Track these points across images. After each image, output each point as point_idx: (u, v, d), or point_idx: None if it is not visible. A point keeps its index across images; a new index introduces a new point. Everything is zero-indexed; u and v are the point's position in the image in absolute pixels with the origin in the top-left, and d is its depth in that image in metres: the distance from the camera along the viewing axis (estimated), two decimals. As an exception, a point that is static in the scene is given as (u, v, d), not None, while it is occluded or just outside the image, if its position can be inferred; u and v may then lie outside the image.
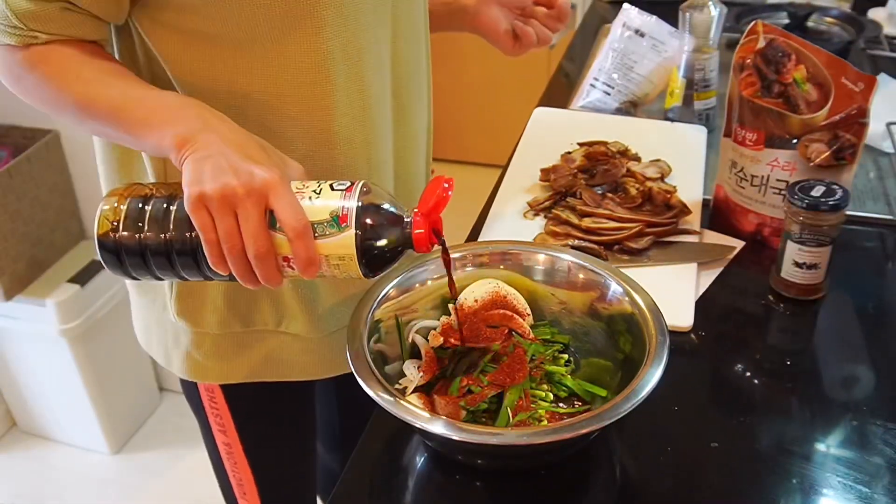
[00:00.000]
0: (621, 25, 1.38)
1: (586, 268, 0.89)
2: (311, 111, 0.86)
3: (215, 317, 0.96)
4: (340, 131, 0.88)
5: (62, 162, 2.04)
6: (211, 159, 0.71)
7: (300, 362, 1.02)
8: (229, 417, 1.08)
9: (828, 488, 0.78)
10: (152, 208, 0.75)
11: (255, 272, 0.72)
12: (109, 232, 0.74)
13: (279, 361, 1.02)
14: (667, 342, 0.78)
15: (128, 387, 2.23)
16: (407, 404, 0.73)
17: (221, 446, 1.13)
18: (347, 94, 0.87)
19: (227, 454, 1.13)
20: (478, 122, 3.28)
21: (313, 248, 0.71)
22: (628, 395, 0.72)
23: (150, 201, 0.75)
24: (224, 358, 1.00)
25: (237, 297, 0.95)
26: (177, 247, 0.74)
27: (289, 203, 0.70)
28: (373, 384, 0.75)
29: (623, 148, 1.25)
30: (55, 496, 2.12)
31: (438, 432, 0.71)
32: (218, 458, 1.16)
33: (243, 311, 0.96)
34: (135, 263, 0.75)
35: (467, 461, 0.82)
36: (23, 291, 1.97)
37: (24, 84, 0.82)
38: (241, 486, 1.17)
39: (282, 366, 1.02)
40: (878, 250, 1.14)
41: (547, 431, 0.72)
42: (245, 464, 1.13)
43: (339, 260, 0.73)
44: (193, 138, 0.73)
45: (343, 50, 0.85)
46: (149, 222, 0.74)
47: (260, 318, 0.97)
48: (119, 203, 0.75)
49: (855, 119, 1.00)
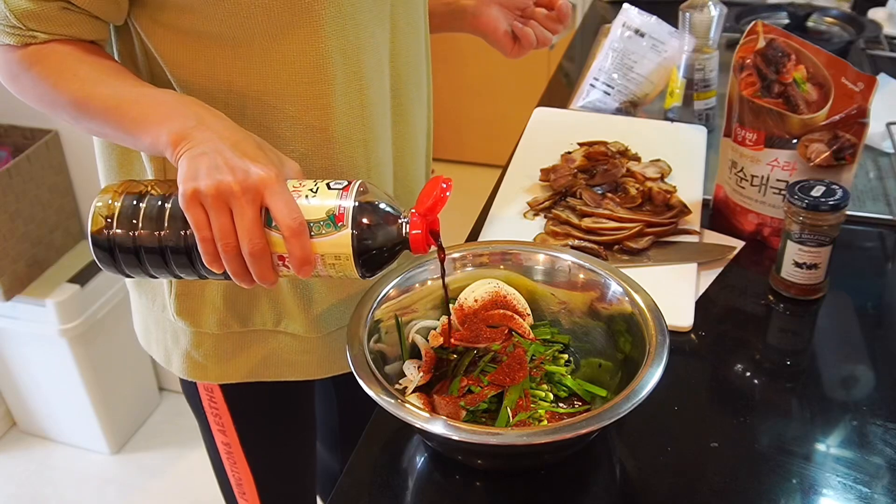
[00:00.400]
0: (621, 25, 1.38)
1: (586, 268, 0.89)
2: (310, 110, 0.86)
3: (214, 317, 0.96)
4: (339, 130, 0.88)
5: (62, 162, 2.04)
6: (207, 156, 0.70)
7: (299, 362, 1.02)
8: (228, 417, 1.08)
9: (828, 488, 0.78)
10: (147, 205, 0.74)
11: (249, 271, 0.72)
12: (103, 229, 0.74)
13: (278, 361, 1.02)
14: (667, 342, 0.78)
15: (128, 387, 2.23)
16: (407, 404, 0.73)
17: (221, 446, 1.13)
18: (346, 93, 0.87)
19: (226, 454, 1.13)
20: (478, 122, 3.28)
21: (309, 246, 0.71)
22: (628, 395, 0.72)
23: (144, 198, 0.74)
24: (223, 358, 1.00)
25: (236, 297, 0.95)
26: (171, 245, 0.73)
27: (284, 201, 0.70)
28: (373, 384, 0.75)
29: (623, 148, 1.25)
30: (55, 496, 2.12)
31: (438, 432, 0.71)
32: (217, 458, 1.16)
33: (242, 311, 0.96)
34: (128, 261, 0.75)
35: (467, 461, 0.82)
36: (23, 291, 1.97)
37: (22, 82, 0.81)
38: (240, 486, 1.17)
39: (281, 366, 1.02)
40: (878, 250, 1.14)
41: (547, 431, 0.72)
42: (244, 463, 1.13)
43: (335, 259, 0.73)
44: (189, 135, 0.73)
45: (341, 49, 0.85)
46: (143, 220, 0.73)
47: (259, 318, 0.97)
48: (113, 200, 0.74)
49: (855, 119, 1.00)
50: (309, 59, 0.83)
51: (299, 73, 0.84)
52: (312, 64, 0.84)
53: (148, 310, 1.03)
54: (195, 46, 0.82)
